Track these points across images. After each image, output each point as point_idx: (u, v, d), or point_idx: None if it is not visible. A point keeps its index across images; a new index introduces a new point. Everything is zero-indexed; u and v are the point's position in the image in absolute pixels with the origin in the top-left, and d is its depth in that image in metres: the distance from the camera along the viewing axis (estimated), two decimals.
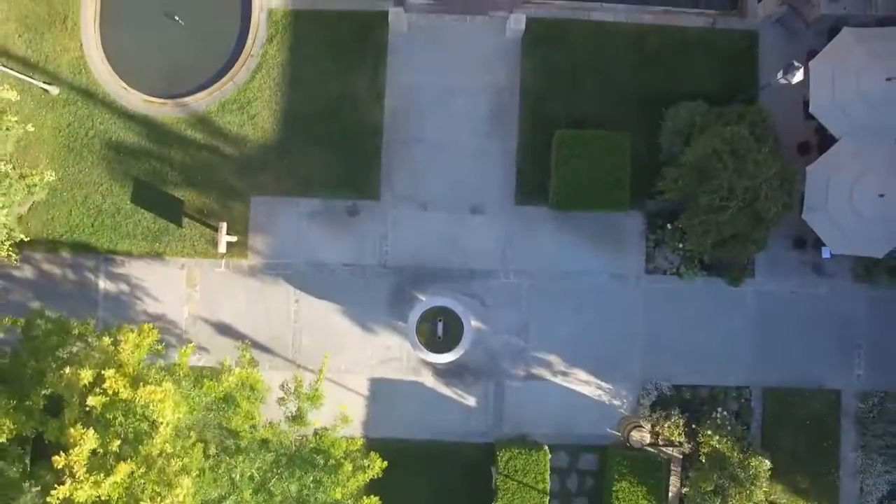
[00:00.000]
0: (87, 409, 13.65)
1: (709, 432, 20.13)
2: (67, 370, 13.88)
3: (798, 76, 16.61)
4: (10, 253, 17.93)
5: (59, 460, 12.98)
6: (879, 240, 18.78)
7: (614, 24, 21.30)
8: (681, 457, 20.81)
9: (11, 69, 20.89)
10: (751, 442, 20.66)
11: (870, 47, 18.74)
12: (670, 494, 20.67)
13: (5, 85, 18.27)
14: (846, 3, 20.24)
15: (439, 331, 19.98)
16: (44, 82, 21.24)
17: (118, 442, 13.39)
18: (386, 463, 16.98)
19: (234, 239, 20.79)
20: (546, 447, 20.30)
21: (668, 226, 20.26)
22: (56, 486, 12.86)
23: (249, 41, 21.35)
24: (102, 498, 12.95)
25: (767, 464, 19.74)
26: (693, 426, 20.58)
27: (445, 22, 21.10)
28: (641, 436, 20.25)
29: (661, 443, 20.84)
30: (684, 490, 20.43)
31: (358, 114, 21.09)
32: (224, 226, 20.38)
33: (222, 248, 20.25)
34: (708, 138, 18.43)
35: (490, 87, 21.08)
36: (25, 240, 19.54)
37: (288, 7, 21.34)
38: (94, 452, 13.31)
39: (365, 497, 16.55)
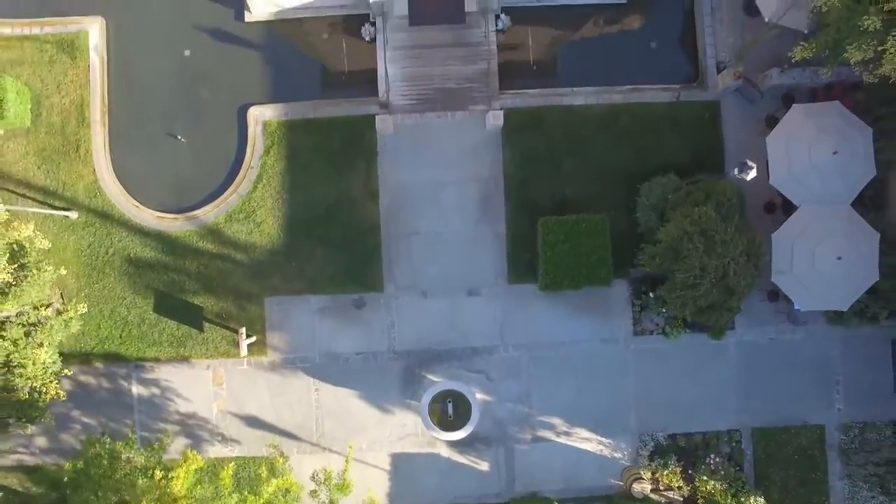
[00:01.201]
0: None
1: (704, 477, 22.74)
2: None
3: (752, 174, 18.86)
4: (59, 391, 20.32)
5: None
6: (842, 296, 21.21)
7: (586, 106, 23.63)
8: (681, 500, 23.38)
9: (32, 199, 23.46)
10: (745, 481, 23.23)
11: (817, 122, 21.08)
12: None
13: (38, 233, 20.61)
14: (795, 74, 22.55)
15: (449, 411, 22.50)
16: (63, 209, 23.75)
17: None
18: None
19: (253, 339, 23.27)
20: (556, 502, 22.87)
21: (651, 294, 22.69)
22: None
23: (248, 153, 23.72)
24: None
25: (762, 501, 22.34)
26: (690, 471, 23.14)
27: (428, 120, 23.43)
28: (642, 487, 22.80)
29: (661, 488, 23.41)
30: None
31: (356, 213, 23.51)
32: (243, 331, 22.86)
33: (244, 352, 22.74)
34: (679, 219, 20.79)
35: (476, 177, 23.46)
36: (69, 373, 21.93)
37: (281, 118, 23.69)
38: None
39: None
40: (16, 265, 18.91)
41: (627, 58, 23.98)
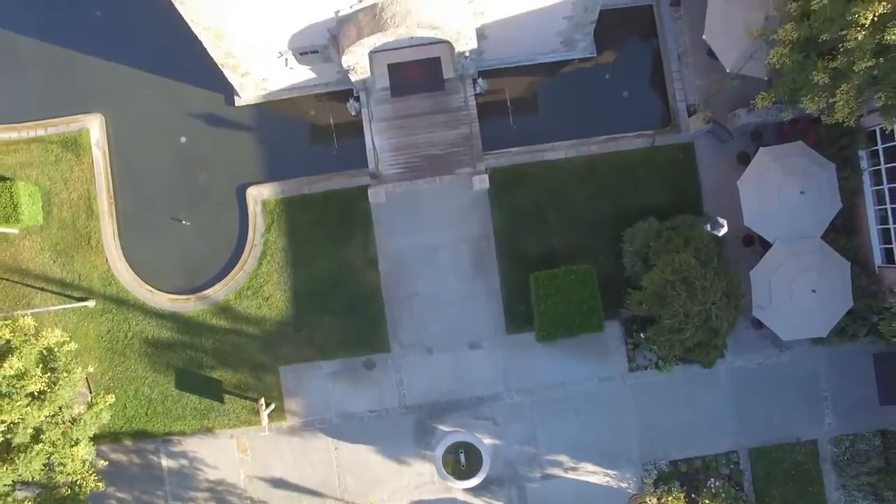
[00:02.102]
0: None
1: (707, 501, 24.70)
2: None
3: (723, 230, 20.65)
4: (98, 484, 22.23)
5: None
6: (821, 324, 23.11)
7: (566, 159, 25.47)
8: None
9: (51, 291, 25.45)
10: (745, 500, 25.23)
11: (783, 164, 22.89)
12: None
13: (63, 333, 22.48)
14: (761, 113, 24.31)
15: (462, 460, 24.49)
16: (81, 298, 25.71)
17: None
18: None
19: (272, 407, 25.26)
20: None
21: (642, 335, 24.59)
22: None
23: (250, 232, 25.61)
24: None
25: None
26: (693, 495, 25.12)
27: (418, 186, 25.27)
28: None
29: None
30: None
31: (358, 280, 25.42)
32: (263, 401, 24.85)
33: (265, 421, 24.71)
34: (661, 267, 22.63)
35: (468, 237, 25.35)
36: (104, 463, 23.92)
37: (278, 196, 25.58)
38: None
39: None
40: (48, 373, 20.80)
41: (602, 108, 25.76)
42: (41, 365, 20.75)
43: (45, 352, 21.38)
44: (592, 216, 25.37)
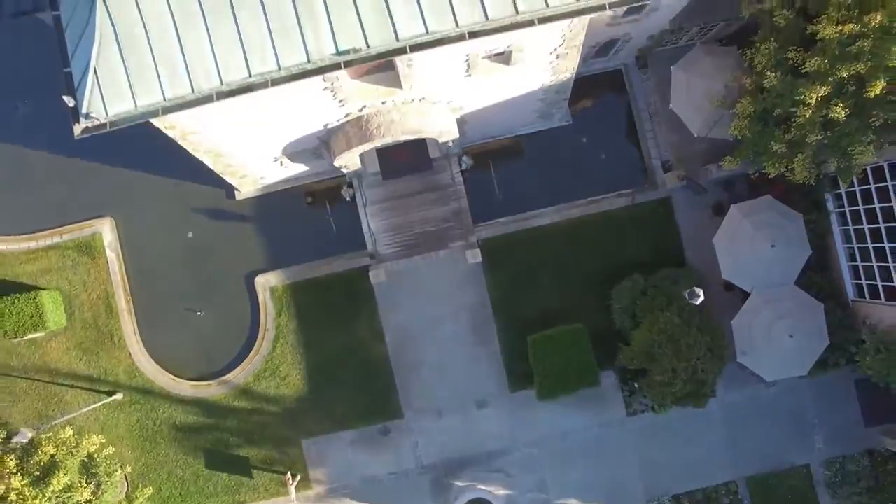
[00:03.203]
0: None
1: None
2: None
3: (700, 300, 22.79)
4: None
5: None
6: (800, 364, 25.42)
7: (552, 224, 27.73)
8: None
9: (80, 387, 27.82)
10: None
11: (753, 220, 25.11)
12: None
13: (101, 437, 24.87)
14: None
15: None
16: (109, 392, 28.10)
17: None
18: None
19: (298, 479, 27.70)
20: None
21: (636, 384, 26.92)
22: None
23: (262, 317, 27.93)
24: None
25: None
26: None
27: (416, 262, 27.55)
28: None
29: None
30: None
31: (367, 354, 27.78)
32: (289, 475, 27.27)
33: (292, 493, 27.16)
34: (648, 326, 24.92)
35: (466, 305, 27.66)
36: None
37: (285, 282, 27.88)
38: None
39: None
40: (91, 480, 23.21)
41: (582, 171, 27.96)
42: (84, 474, 23.15)
43: (86, 459, 23.79)
44: (582, 275, 27.64)
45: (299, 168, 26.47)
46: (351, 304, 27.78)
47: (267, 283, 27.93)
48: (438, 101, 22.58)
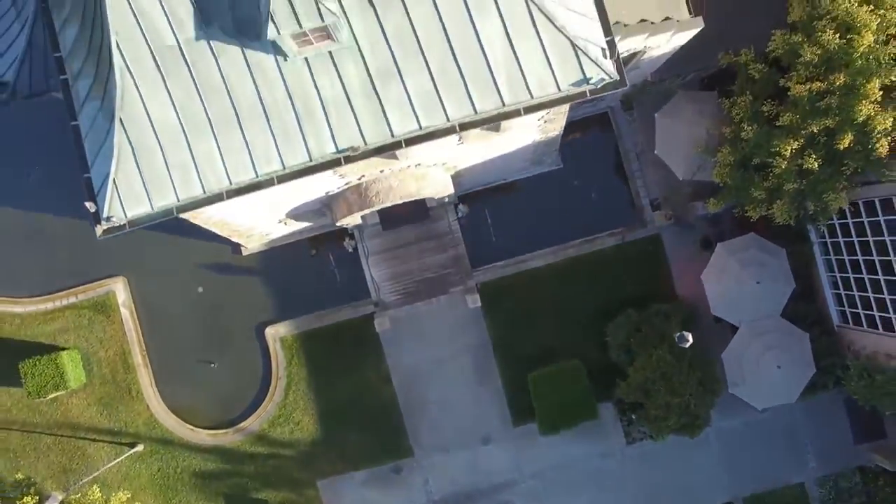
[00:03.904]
0: None
1: None
2: None
3: (689, 342, 24.34)
4: None
5: None
6: (789, 392, 26.99)
7: (547, 265, 29.26)
8: None
9: (101, 441, 29.45)
10: None
11: (738, 258, 26.64)
12: None
13: (127, 492, 26.50)
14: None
15: None
16: (130, 444, 29.73)
17: None
18: None
19: None
20: None
21: (633, 416, 28.51)
22: None
23: (274, 366, 29.52)
24: None
25: None
26: None
27: (418, 308, 29.11)
28: None
29: None
30: None
31: (376, 397, 29.40)
32: None
33: None
34: (642, 363, 26.48)
35: (468, 347, 29.25)
36: None
37: (294, 332, 29.47)
38: None
39: None
40: None
41: (574, 213, 29.42)
42: None
43: None
44: (578, 312, 29.18)
45: (303, 224, 27.95)
46: (358, 349, 29.33)
47: (277, 333, 29.49)
48: (434, 164, 24.05)
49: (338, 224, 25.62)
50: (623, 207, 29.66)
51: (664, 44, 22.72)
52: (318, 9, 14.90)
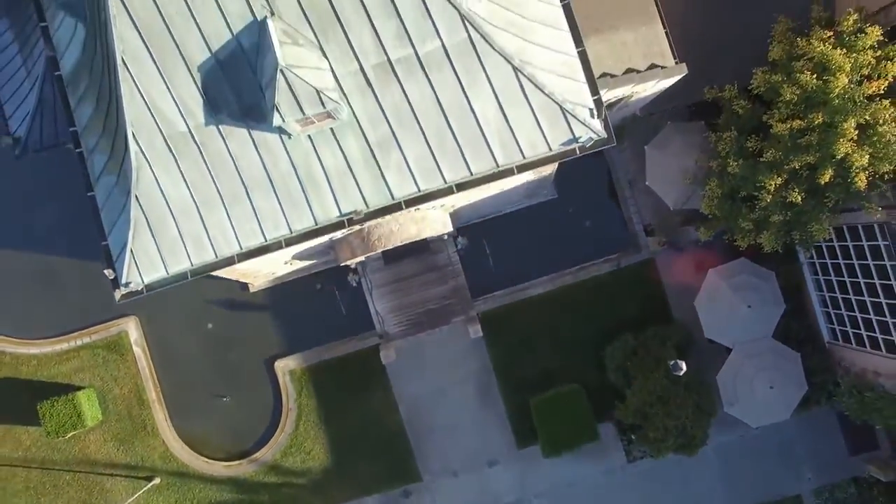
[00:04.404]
0: None
1: None
2: None
3: (682, 370, 25.56)
4: None
5: None
6: (782, 409, 28.24)
7: (545, 293, 30.45)
8: None
9: (119, 475, 30.78)
10: None
11: (730, 283, 27.85)
12: None
13: None
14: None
15: None
16: (146, 478, 31.03)
17: None
18: None
19: None
20: None
21: (633, 436, 29.79)
22: None
23: (284, 398, 30.79)
24: None
25: None
26: None
27: (421, 339, 30.33)
28: None
29: None
30: None
31: (384, 424, 30.70)
32: None
33: None
34: (639, 387, 27.72)
35: (471, 374, 30.53)
36: None
37: (302, 365, 30.73)
38: None
39: None
40: None
41: (570, 241, 30.59)
42: None
43: None
44: (577, 337, 30.42)
45: (308, 262, 29.14)
46: (365, 380, 30.59)
47: (286, 366, 30.74)
48: (432, 207, 25.21)
49: (341, 265, 26.81)
50: (617, 233, 30.83)
51: (651, 87, 23.84)
52: (320, 98, 16.09)
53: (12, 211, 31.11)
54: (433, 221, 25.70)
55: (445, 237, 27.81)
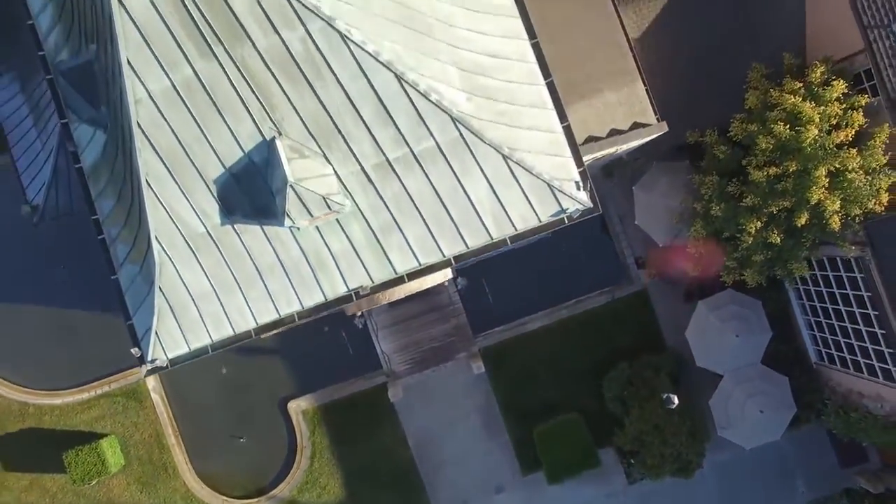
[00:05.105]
0: None
1: None
2: None
3: (675, 404, 27.48)
4: None
5: None
6: (773, 431, 30.13)
7: (543, 327, 32.26)
8: None
9: None
10: None
11: (718, 314, 29.65)
12: None
13: None
14: None
15: None
16: None
17: None
18: None
19: None
20: None
21: (631, 461, 31.68)
22: None
23: (299, 437, 32.65)
24: None
25: None
26: None
27: (427, 376, 32.17)
28: None
29: None
30: None
31: (394, 458, 32.60)
32: None
33: None
34: (636, 416, 29.56)
35: (475, 407, 32.39)
36: None
37: (314, 405, 32.60)
38: None
39: None
40: None
41: (565, 275, 32.37)
42: None
43: None
44: (575, 367, 32.27)
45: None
46: (375, 417, 32.46)
47: (298, 406, 32.59)
48: None
49: (348, 314, 28.60)
50: (610, 267, 32.61)
51: (634, 143, 25.51)
52: (327, 202, 17.84)
53: (33, 268, 32.82)
54: (435, 278, 27.44)
55: (446, 283, 29.56)
